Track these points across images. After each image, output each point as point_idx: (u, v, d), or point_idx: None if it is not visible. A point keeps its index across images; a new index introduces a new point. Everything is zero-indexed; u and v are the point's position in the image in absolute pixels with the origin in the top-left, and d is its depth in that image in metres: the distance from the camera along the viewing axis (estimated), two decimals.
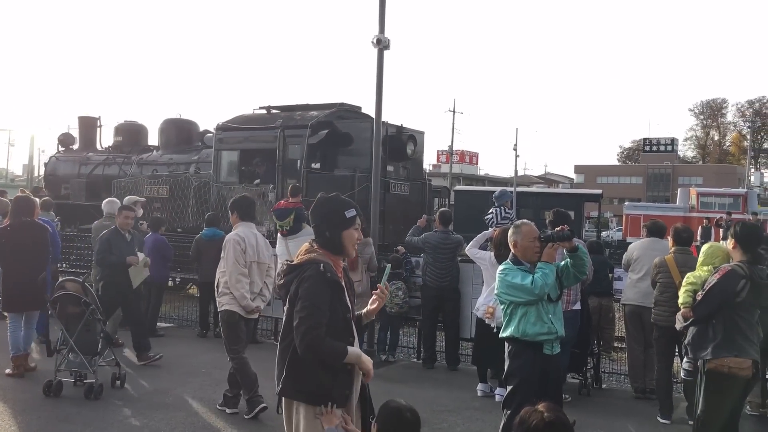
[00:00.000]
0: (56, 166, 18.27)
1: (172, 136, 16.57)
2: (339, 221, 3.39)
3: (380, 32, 9.04)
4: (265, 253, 6.48)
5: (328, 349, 3.21)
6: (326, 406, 3.26)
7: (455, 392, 7.53)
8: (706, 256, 5.38)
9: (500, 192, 9.53)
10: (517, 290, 4.84)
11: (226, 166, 14.31)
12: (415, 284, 9.19)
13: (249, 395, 6.26)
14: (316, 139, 13.07)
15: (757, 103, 77.04)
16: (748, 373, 4.74)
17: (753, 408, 7.10)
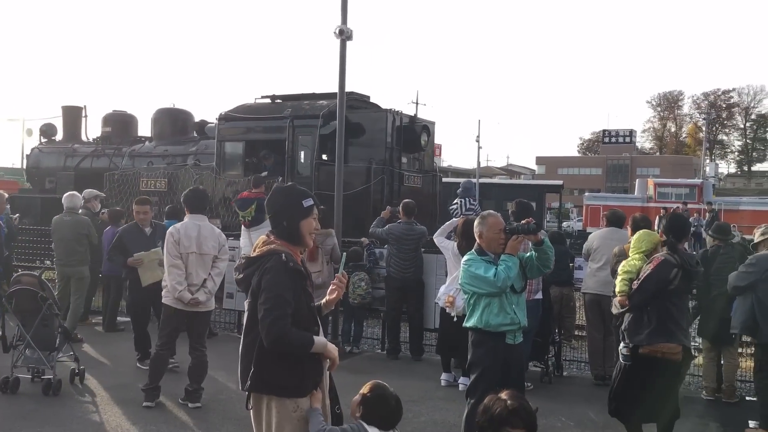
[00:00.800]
0: (39, 159, 17.33)
1: (166, 126, 15.80)
2: (297, 211, 3.35)
3: (342, 23, 9.00)
4: (210, 245, 6.33)
5: (295, 340, 3.17)
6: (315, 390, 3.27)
7: (419, 382, 7.57)
8: (636, 241, 5.53)
9: (465, 183, 9.58)
10: (480, 281, 4.87)
11: (230, 157, 13.66)
12: (378, 275, 9.20)
13: (146, 386, 6.34)
14: (328, 129, 12.34)
15: (712, 96, 78.84)
16: (679, 357, 5.02)
17: (708, 393, 7.30)
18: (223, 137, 13.66)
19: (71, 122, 17.42)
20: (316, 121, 12.51)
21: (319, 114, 12.53)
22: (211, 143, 14.31)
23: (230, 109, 13.67)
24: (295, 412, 3.23)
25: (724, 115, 78.89)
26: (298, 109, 13.05)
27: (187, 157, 14.69)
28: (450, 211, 9.42)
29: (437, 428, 6.13)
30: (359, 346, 9.11)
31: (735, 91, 77.23)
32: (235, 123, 13.52)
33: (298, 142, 12.85)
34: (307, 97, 13.64)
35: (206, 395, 6.46)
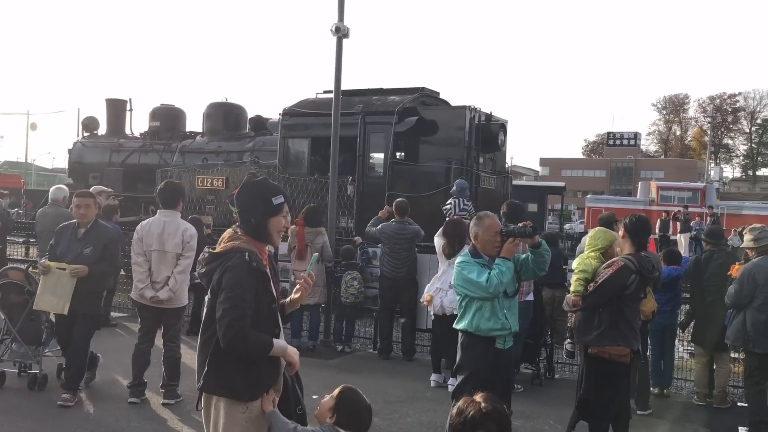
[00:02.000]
0: (82, 153, 16.59)
1: (218, 121, 15.06)
2: (266, 208, 3.27)
3: (339, 20, 8.98)
4: (173, 242, 6.26)
5: (252, 342, 3.09)
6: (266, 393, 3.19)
7: (409, 383, 7.53)
8: (591, 239, 5.48)
9: (460, 183, 9.53)
10: (473, 285, 4.81)
11: (294, 155, 12.85)
12: (371, 275, 9.17)
13: (131, 382, 6.36)
14: (404, 126, 11.69)
15: (718, 99, 78.56)
16: (627, 359, 5.03)
17: (700, 398, 7.24)
18: (286, 134, 12.85)
19: (115, 116, 16.80)
20: (390, 118, 11.77)
21: (394, 110, 11.83)
22: (269, 139, 13.67)
23: (293, 104, 12.94)
24: (243, 414, 3.15)
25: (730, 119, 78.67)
26: (369, 104, 12.26)
27: (242, 153, 14.00)
28: (444, 211, 9.37)
29: (424, 429, 6.08)
30: (351, 345, 9.07)
31: (741, 95, 76.99)
32: (300, 119, 12.67)
33: (370, 139, 12.12)
34: (374, 92, 12.89)
35: (193, 392, 6.40)
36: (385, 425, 6.06)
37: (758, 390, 6.09)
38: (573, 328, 5.42)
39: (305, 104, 12.87)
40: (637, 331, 5.23)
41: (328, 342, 9.19)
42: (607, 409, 5.17)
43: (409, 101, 12.04)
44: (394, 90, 12.68)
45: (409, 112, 11.82)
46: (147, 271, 6.25)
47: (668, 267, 7.37)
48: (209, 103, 15.38)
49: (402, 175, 11.54)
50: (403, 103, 11.86)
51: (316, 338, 9.04)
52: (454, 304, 7.08)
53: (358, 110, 12.05)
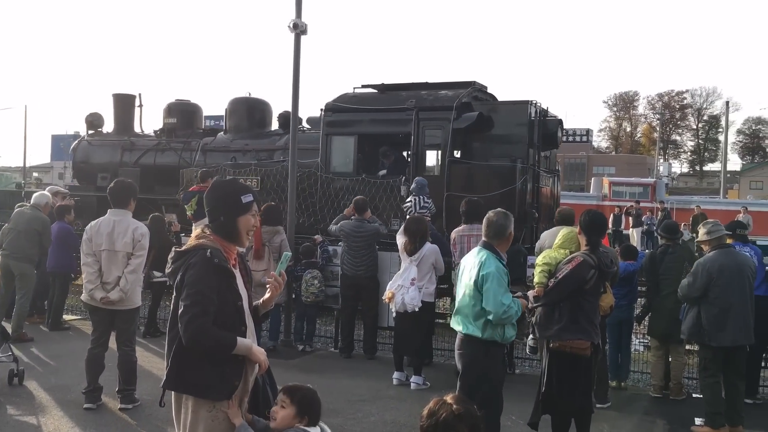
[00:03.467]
0: (88, 152, 15.33)
1: (242, 118, 13.94)
2: (235, 206, 3.24)
3: (297, 17, 8.89)
4: (123, 242, 6.13)
5: (214, 339, 3.05)
6: (230, 402, 3.13)
7: (371, 381, 7.51)
8: (566, 240, 5.57)
9: (419, 181, 9.54)
10: (499, 306, 4.75)
11: (339, 153, 11.83)
12: (332, 273, 9.12)
13: (86, 388, 6.22)
14: (463, 122, 10.85)
15: (666, 97, 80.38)
16: (588, 353, 5.13)
17: (656, 390, 7.40)
18: (329, 131, 11.81)
19: (123, 112, 15.63)
20: (448, 113, 10.90)
21: (451, 105, 10.94)
22: (302, 137, 12.58)
23: (334, 99, 12.01)
24: (210, 412, 3.11)
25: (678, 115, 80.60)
26: (421, 99, 11.38)
27: (273, 152, 12.98)
28: (404, 209, 9.37)
29: (387, 428, 6.06)
30: (312, 345, 9.01)
31: (688, 93, 78.88)
32: (344, 115, 11.74)
33: (425, 136, 11.25)
34: (420, 86, 12.00)
35: (152, 395, 6.29)
36: (348, 425, 6.03)
37: (713, 382, 6.23)
38: (534, 324, 5.49)
39: (345, 99, 12.00)
40: (597, 325, 5.32)
41: (289, 342, 9.11)
42: (570, 402, 5.24)
43: (466, 96, 11.27)
44: (443, 84, 11.89)
45: (463, 107, 11.12)
46: (97, 271, 6.10)
47: (625, 262, 7.52)
48: (232, 98, 14.31)
49: (461, 174, 10.78)
50: (460, 97, 11.09)
51: (276, 338, 8.96)
52: (416, 301, 7.11)
53: (411, 105, 11.21)
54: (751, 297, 6.18)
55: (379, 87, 12.17)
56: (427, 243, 7.37)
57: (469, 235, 7.47)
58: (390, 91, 12.01)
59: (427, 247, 7.35)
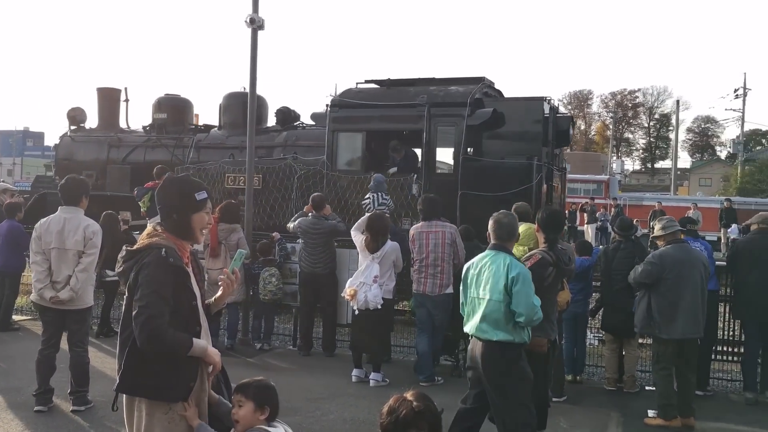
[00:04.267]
0: (72, 149, 14.57)
1: (238, 114, 13.05)
2: (188, 204, 3.19)
3: (254, 11, 8.80)
4: (73, 240, 5.99)
5: (170, 342, 3.00)
6: (186, 404, 3.08)
7: (330, 379, 7.48)
8: (522, 237, 5.65)
9: (377, 177, 9.55)
10: (530, 309, 4.71)
11: (346, 150, 11.40)
12: (291, 270, 9.06)
13: (36, 390, 6.09)
14: (477, 119, 10.56)
15: (619, 95, 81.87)
16: (545, 349, 5.23)
17: (610, 383, 7.54)
18: (336, 127, 11.37)
19: (108, 107, 14.87)
20: (462, 110, 10.56)
21: (465, 101, 10.60)
22: (303, 133, 12.44)
23: (339, 95, 11.62)
24: (165, 414, 3.06)
25: (630, 114, 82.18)
26: (433, 95, 11.05)
27: (272, 149, 12.52)
28: (362, 206, 9.37)
29: (347, 425, 6.05)
30: (270, 343, 8.94)
31: (640, 92, 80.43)
32: (352, 111, 11.32)
33: (438, 133, 10.90)
34: (426, 82, 11.64)
35: (105, 397, 6.16)
36: (307, 423, 6.00)
37: (665, 374, 6.37)
38: None
39: (350, 94, 11.61)
40: (554, 321, 5.41)
41: (247, 340, 9.03)
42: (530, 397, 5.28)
43: (478, 92, 10.97)
44: (452, 80, 11.57)
45: (475, 103, 10.85)
46: (46, 270, 5.94)
47: (580, 258, 7.64)
48: (226, 93, 13.70)
49: (475, 172, 10.38)
50: (473, 93, 10.79)
51: (234, 337, 8.86)
52: (378, 299, 7.10)
53: (422, 101, 10.86)
54: (703, 291, 6.33)
55: (385, 82, 11.80)
56: (388, 240, 7.38)
57: (428, 231, 7.50)
58: (396, 87, 11.69)
59: (388, 245, 7.35)
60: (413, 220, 9.42)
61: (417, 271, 7.49)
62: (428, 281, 7.41)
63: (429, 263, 7.40)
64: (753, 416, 6.74)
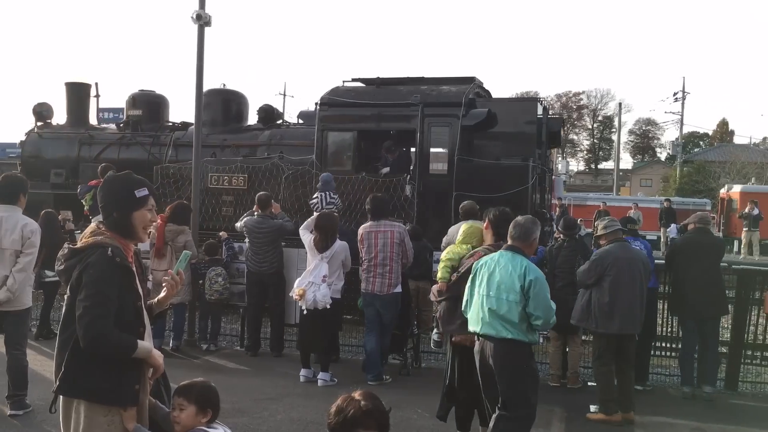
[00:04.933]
0: (40, 146, 13.96)
1: (218, 111, 12.86)
2: (128, 201, 3.12)
3: (200, 7, 8.68)
4: (10, 239, 5.82)
5: (115, 343, 2.94)
6: (124, 408, 3.02)
7: (278, 379, 7.44)
8: (465, 235, 5.74)
9: (325, 177, 9.53)
10: (549, 312, 4.79)
11: (336, 149, 11.15)
12: (238, 270, 8.98)
13: None
14: (472, 119, 10.44)
15: (564, 97, 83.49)
16: None
17: (554, 379, 7.70)
18: (326, 126, 11.10)
19: (77, 102, 14.26)
20: (456, 110, 10.42)
21: (460, 101, 10.48)
22: (288, 132, 12.14)
23: (327, 93, 11.33)
24: (105, 417, 2.99)
25: (575, 116, 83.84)
26: (426, 95, 10.85)
27: (256, 148, 12.19)
28: (311, 205, 9.34)
29: (294, 426, 6.02)
30: (217, 344, 8.84)
31: (584, 94, 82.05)
32: (342, 109, 11.07)
33: (431, 133, 10.73)
34: (417, 81, 11.49)
35: (44, 400, 5.98)
36: (254, 424, 5.95)
37: (606, 370, 6.54)
38: (438, 319, 5.59)
39: (339, 93, 11.38)
40: None
41: (193, 341, 8.91)
42: (472, 394, 5.38)
43: (471, 92, 10.88)
44: (442, 79, 11.43)
45: (468, 103, 10.75)
46: None
47: None
48: (206, 90, 13.13)
49: (470, 173, 10.24)
50: (466, 93, 10.68)
51: (180, 338, 8.72)
52: (327, 299, 7.08)
53: (416, 100, 10.68)
54: (641, 289, 6.51)
55: (374, 81, 11.60)
56: (337, 240, 7.37)
57: (376, 231, 7.52)
58: (385, 86, 11.52)
59: (337, 244, 7.35)
60: (405, 221, 9.35)
61: (366, 270, 7.51)
62: (377, 281, 7.43)
63: (378, 263, 7.42)
64: (690, 410, 6.98)
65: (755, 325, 8.12)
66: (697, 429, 6.40)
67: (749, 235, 23.94)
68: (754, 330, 8.11)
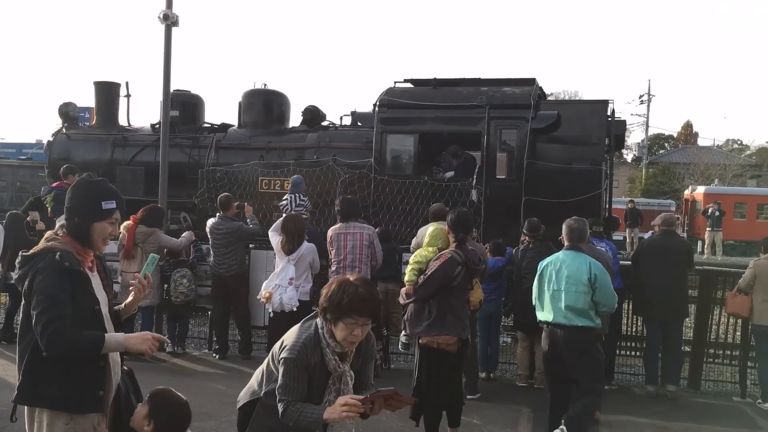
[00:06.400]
0: (69, 147, 13.35)
1: (260, 112, 12.51)
2: (93, 210, 3.04)
3: (168, 7, 8.61)
4: None
5: (75, 341, 2.83)
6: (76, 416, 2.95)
7: (246, 382, 7.35)
8: (431, 237, 5.80)
9: (295, 179, 9.51)
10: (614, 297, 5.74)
11: (396, 153, 10.78)
12: (206, 273, 8.90)
13: None
14: (542, 122, 10.11)
15: None
16: (454, 348, 5.36)
17: (522, 380, 7.78)
18: (385, 128, 10.71)
19: (107, 103, 13.63)
20: (526, 112, 10.07)
21: (529, 103, 10.13)
22: (337, 134, 11.72)
23: (384, 93, 10.92)
24: (67, 425, 2.92)
25: None
26: (493, 96, 10.48)
27: (303, 150, 11.69)
28: (280, 207, 9.30)
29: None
30: (184, 347, 8.75)
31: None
32: (403, 111, 10.68)
33: (500, 136, 10.38)
34: (475, 83, 11.10)
35: (7, 406, 5.86)
36: (222, 428, 5.91)
37: None
38: (406, 321, 5.62)
39: (394, 94, 10.99)
40: (465, 320, 5.50)
41: (161, 348, 8.80)
42: (440, 396, 5.42)
43: (536, 94, 10.58)
44: (501, 81, 11.02)
45: (546, 104, 10.56)
46: None
47: (493, 258, 7.84)
48: (246, 90, 12.86)
49: (540, 177, 9.89)
50: (532, 95, 10.37)
51: None
52: (293, 301, 7.06)
53: (481, 102, 10.29)
54: None
55: (429, 82, 11.15)
56: (304, 242, 7.35)
57: (345, 233, 7.51)
58: (442, 87, 11.08)
59: (304, 246, 7.32)
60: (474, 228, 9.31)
61: (335, 272, 7.49)
62: None
63: (347, 264, 7.41)
64: (654, 408, 7.11)
65: (717, 324, 8.29)
66: (661, 427, 6.52)
67: (712, 235, 24.45)
68: (716, 329, 8.29)
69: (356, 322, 2.98)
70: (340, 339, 3.03)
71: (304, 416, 2.98)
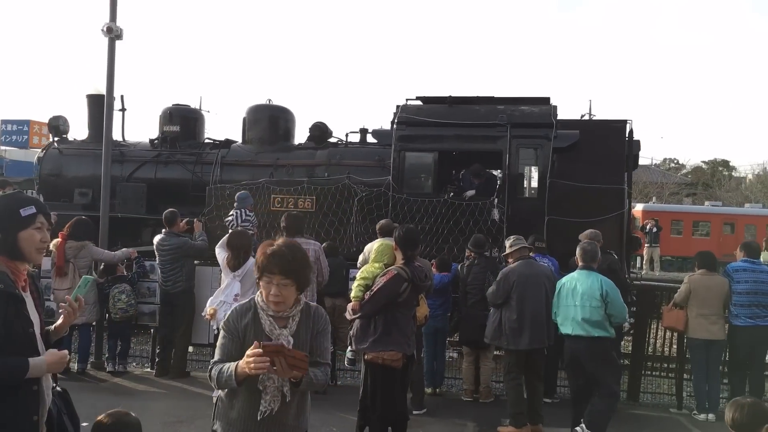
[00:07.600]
0: (61, 163, 12.80)
1: (265, 129, 12.27)
2: (12, 221, 2.92)
3: (111, 20, 8.49)
4: None
5: (1, 369, 2.74)
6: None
7: (189, 401, 7.27)
8: (377, 254, 5.85)
9: (241, 194, 9.43)
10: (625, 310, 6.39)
11: (415, 171, 10.63)
12: (149, 290, 8.73)
13: None
14: (564, 140, 10.11)
15: None
16: (399, 364, 5.37)
17: (467, 394, 7.86)
18: (404, 146, 10.55)
19: (100, 116, 12.46)
20: (547, 131, 10.07)
21: (550, 122, 10.11)
22: (347, 151, 11.56)
23: (400, 111, 10.71)
24: None
25: None
26: (512, 114, 10.40)
27: (313, 168, 11.52)
28: (225, 223, 9.22)
29: None
30: (126, 365, 8.54)
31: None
32: (421, 129, 10.53)
33: (520, 155, 10.36)
34: (490, 101, 10.97)
35: None
36: None
37: (515, 384, 6.72)
38: (352, 336, 5.62)
39: (410, 112, 10.77)
40: (411, 336, 5.52)
41: (100, 363, 8.58)
42: (385, 411, 5.42)
43: (553, 112, 10.50)
44: (516, 99, 11.00)
45: (567, 124, 10.54)
46: None
47: (439, 274, 7.92)
48: (251, 105, 12.66)
49: (562, 196, 9.89)
50: (552, 113, 10.34)
51: (86, 360, 8.38)
52: None
53: (503, 121, 10.26)
54: (547, 304, 6.70)
55: (445, 99, 11.01)
56: (250, 258, 7.28)
57: None
58: (457, 105, 10.96)
59: (250, 262, 7.25)
60: (495, 248, 9.13)
61: None
62: None
63: None
64: None
65: (654, 338, 8.54)
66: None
67: (650, 251, 25.17)
68: (653, 343, 8.53)
69: (270, 281, 3.07)
70: (264, 299, 3.14)
71: (222, 374, 3.05)
